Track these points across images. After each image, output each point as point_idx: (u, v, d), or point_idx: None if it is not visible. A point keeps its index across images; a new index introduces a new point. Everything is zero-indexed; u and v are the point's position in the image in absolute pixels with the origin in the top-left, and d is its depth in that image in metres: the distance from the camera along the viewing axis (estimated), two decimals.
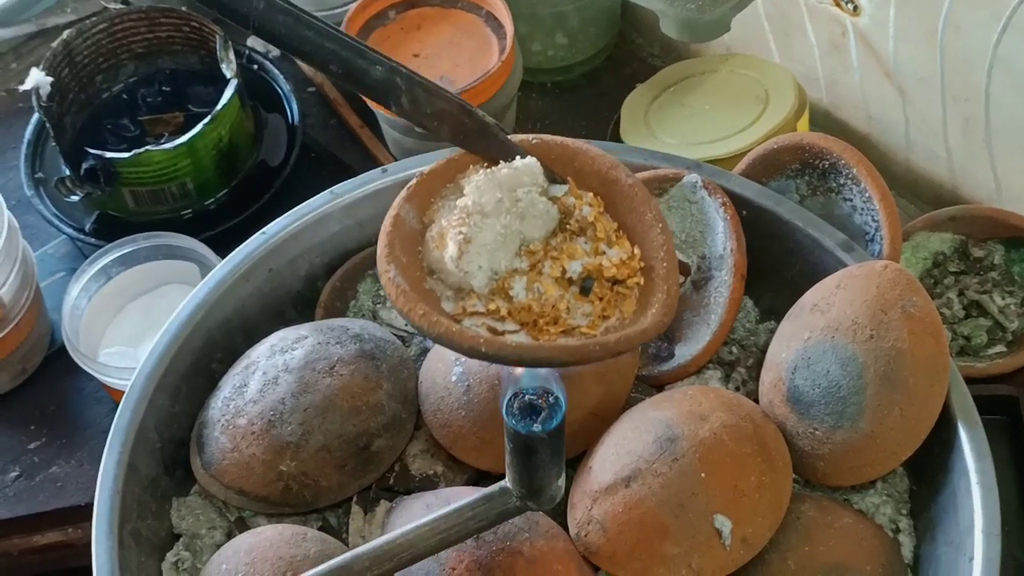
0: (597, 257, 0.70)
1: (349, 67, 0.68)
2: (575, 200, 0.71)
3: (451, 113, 0.70)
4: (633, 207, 0.72)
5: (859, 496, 0.85)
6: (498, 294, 0.68)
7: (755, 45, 1.22)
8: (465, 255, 0.67)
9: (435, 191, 0.72)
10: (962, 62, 1.05)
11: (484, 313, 0.68)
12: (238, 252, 0.94)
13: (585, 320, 0.69)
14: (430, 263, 0.70)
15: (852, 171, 0.92)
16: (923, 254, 1.08)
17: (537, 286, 0.68)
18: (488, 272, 0.68)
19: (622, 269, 0.70)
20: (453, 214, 0.69)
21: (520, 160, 0.71)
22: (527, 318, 0.68)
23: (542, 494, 0.74)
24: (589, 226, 0.71)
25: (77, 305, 1.10)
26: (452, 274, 0.68)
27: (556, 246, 0.70)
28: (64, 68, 1.19)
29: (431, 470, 0.88)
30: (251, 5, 0.65)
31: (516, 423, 0.69)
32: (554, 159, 0.72)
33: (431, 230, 0.70)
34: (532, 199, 0.69)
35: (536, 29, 1.27)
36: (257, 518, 0.87)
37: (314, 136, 1.28)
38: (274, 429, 0.85)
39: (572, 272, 0.69)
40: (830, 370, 0.81)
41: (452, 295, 0.69)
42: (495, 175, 0.69)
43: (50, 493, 1.08)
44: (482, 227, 0.68)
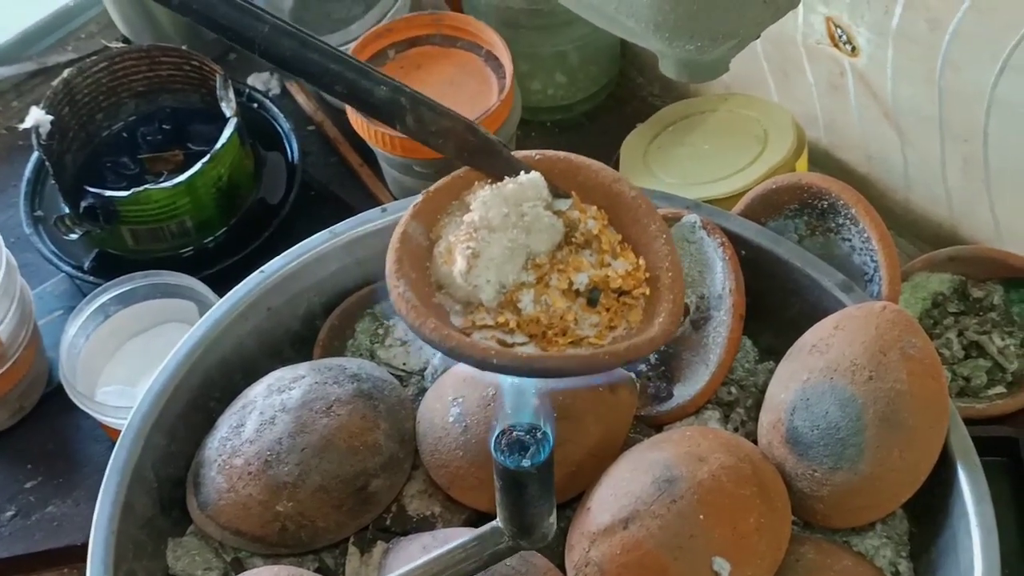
0: (603, 269, 0.70)
1: (354, 88, 0.69)
2: (579, 214, 0.72)
3: (455, 131, 0.71)
4: (637, 219, 0.73)
5: (859, 538, 0.84)
6: (507, 307, 0.69)
7: (754, 85, 1.23)
8: (474, 269, 0.68)
9: (441, 208, 0.73)
10: (961, 102, 1.05)
11: (493, 326, 0.69)
12: (236, 291, 0.94)
13: (593, 331, 0.69)
14: (438, 278, 0.71)
15: (851, 211, 0.92)
16: (922, 294, 1.07)
17: (545, 298, 0.69)
18: (496, 285, 0.69)
19: (628, 280, 0.70)
20: (460, 229, 0.70)
21: (525, 175, 0.71)
22: (536, 330, 0.69)
23: (534, 532, 0.74)
24: (594, 239, 0.72)
25: (75, 343, 1.10)
26: (461, 288, 0.69)
27: (562, 259, 0.71)
28: (64, 106, 1.20)
29: (428, 511, 0.88)
30: (256, 29, 0.66)
31: (505, 459, 0.69)
32: (557, 174, 0.73)
33: (439, 246, 0.71)
34: (538, 213, 0.70)
35: (536, 68, 1.27)
36: (253, 559, 0.87)
37: (314, 174, 1.28)
38: (271, 469, 0.84)
39: (579, 284, 0.70)
40: (829, 411, 0.81)
41: (461, 309, 0.70)
42: (501, 190, 0.70)
43: (46, 532, 1.07)
44: (490, 241, 0.69)
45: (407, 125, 0.70)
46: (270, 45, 0.67)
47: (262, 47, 0.67)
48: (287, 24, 0.67)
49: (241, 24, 0.66)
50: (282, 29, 0.67)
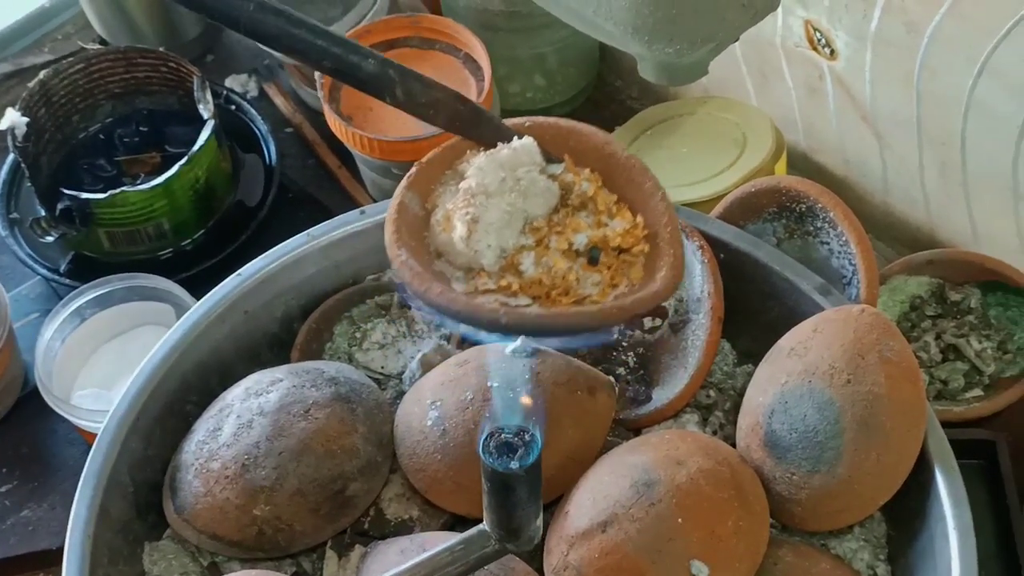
0: (601, 229, 0.71)
1: (342, 62, 0.69)
2: (573, 176, 0.72)
3: (445, 101, 0.72)
4: (631, 178, 0.73)
5: (837, 541, 0.85)
6: (508, 270, 0.69)
7: (733, 88, 1.23)
8: (474, 234, 0.69)
9: (435, 178, 0.73)
10: (938, 106, 1.05)
11: (496, 290, 0.69)
12: (213, 294, 0.93)
13: (595, 289, 0.70)
14: (437, 246, 0.71)
15: (829, 214, 0.92)
16: (900, 297, 1.08)
17: (546, 260, 0.69)
18: (497, 250, 0.69)
19: (627, 238, 0.71)
20: (458, 196, 0.70)
21: (518, 140, 0.72)
22: (539, 291, 0.69)
23: (521, 534, 0.74)
24: (589, 200, 0.72)
25: (51, 347, 1.09)
26: (462, 254, 0.69)
27: (559, 221, 0.71)
28: (40, 108, 1.19)
29: (406, 514, 0.88)
30: (241, 8, 0.66)
31: (493, 461, 0.69)
32: (548, 140, 0.73)
33: (435, 215, 0.72)
34: (533, 177, 0.71)
35: (515, 70, 1.27)
36: (231, 563, 0.87)
37: (291, 177, 1.28)
38: (248, 473, 0.84)
39: (578, 244, 0.70)
40: (807, 415, 0.81)
41: (462, 276, 0.70)
42: (496, 156, 0.71)
43: (21, 537, 1.06)
44: (488, 207, 0.69)
45: (397, 97, 0.70)
46: (256, 23, 0.67)
47: (248, 26, 0.67)
48: (271, 3, 0.67)
49: (226, 3, 0.66)
50: (267, 7, 0.67)
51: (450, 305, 0.67)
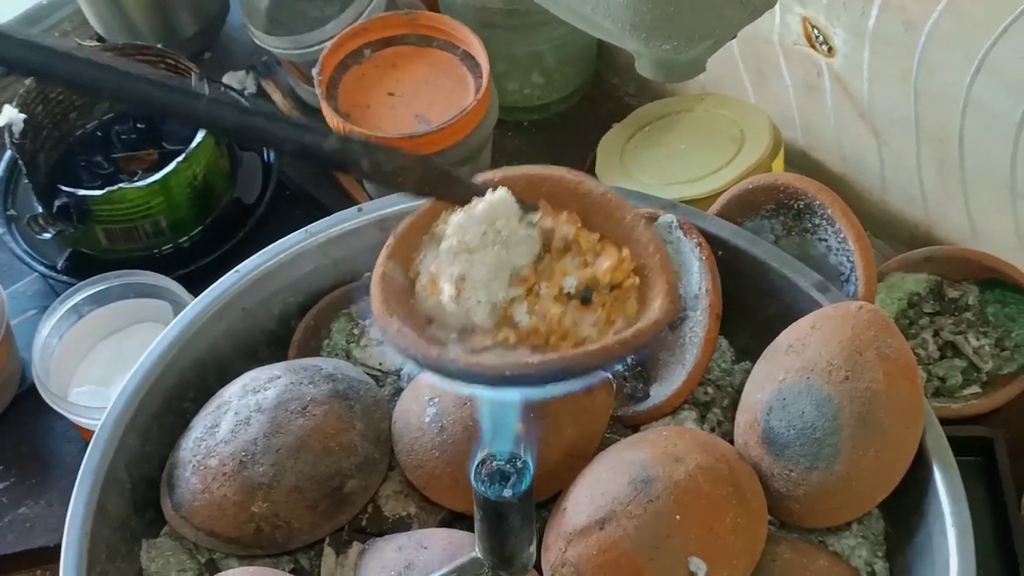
0: (588, 269, 0.70)
1: (303, 144, 0.68)
2: (552, 221, 0.72)
3: (412, 167, 0.71)
4: (610, 214, 0.72)
5: (835, 538, 0.85)
6: (503, 324, 0.69)
7: (730, 85, 1.23)
8: (463, 293, 0.68)
9: (414, 244, 0.72)
10: (936, 103, 1.05)
11: (493, 346, 0.69)
12: (211, 291, 0.93)
13: (593, 329, 0.69)
14: (427, 312, 0.70)
15: (827, 212, 0.92)
16: (898, 295, 1.08)
17: (539, 308, 0.69)
18: (488, 305, 0.69)
19: (616, 273, 0.70)
20: (441, 258, 0.70)
21: (491, 194, 0.71)
22: (537, 340, 0.68)
23: (514, 562, 0.74)
24: (572, 242, 0.72)
25: (48, 344, 1.09)
26: (454, 315, 0.69)
27: (546, 267, 0.71)
28: (38, 105, 1.19)
29: (404, 511, 0.88)
30: (195, 105, 0.66)
31: (486, 489, 0.69)
32: (521, 189, 0.72)
33: (420, 280, 0.71)
34: (513, 228, 0.70)
35: (512, 68, 1.27)
36: (228, 560, 0.87)
37: (289, 174, 1.28)
38: (246, 470, 0.84)
39: (569, 287, 0.70)
40: (805, 411, 0.81)
41: (457, 337, 0.69)
42: (473, 212, 0.70)
43: (18, 534, 1.06)
44: (473, 263, 0.69)
45: (363, 169, 0.69)
46: (212, 117, 0.66)
47: (205, 119, 0.66)
48: (222, 96, 0.67)
49: (179, 104, 0.66)
50: (221, 101, 0.67)
51: (451, 367, 0.66)
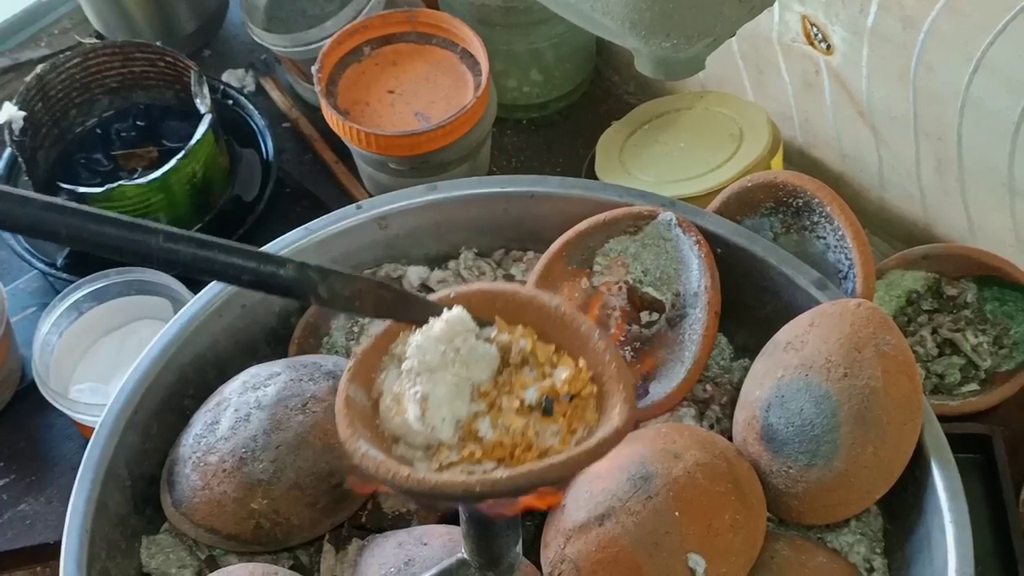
0: (547, 380, 0.71)
1: (259, 274, 0.68)
2: (508, 336, 0.73)
3: (368, 291, 0.71)
4: (564, 325, 0.74)
5: (833, 535, 0.85)
6: (468, 439, 0.70)
7: (729, 83, 1.23)
8: (427, 412, 0.69)
9: (374, 366, 0.73)
10: (935, 101, 1.06)
11: (459, 461, 0.70)
12: (211, 288, 0.94)
13: (556, 439, 0.70)
14: (392, 431, 0.71)
15: (826, 209, 0.92)
16: (896, 292, 1.08)
17: (502, 421, 0.70)
18: (452, 422, 0.70)
19: (574, 383, 0.72)
20: (403, 379, 0.71)
21: (448, 312, 0.72)
22: (502, 453, 0.70)
23: (501, 563, 0.74)
24: (529, 355, 0.73)
25: (48, 341, 1.09)
26: (419, 433, 0.70)
27: (506, 381, 0.72)
28: (37, 102, 1.19)
29: (403, 508, 0.88)
30: (150, 243, 0.65)
31: None
32: (475, 306, 0.74)
33: (383, 401, 0.72)
34: (472, 344, 0.71)
35: (512, 65, 1.27)
36: (228, 556, 0.87)
37: (288, 171, 1.28)
38: (246, 467, 0.84)
39: (529, 399, 0.71)
40: (804, 408, 0.81)
41: (423, 455, 0.70)
42: (431, 332, 0.71)
43: (18, 531, 1.06)
44: (435, 382, 0.70)
45: (320, 296, 0.69)
46: (167, 254, 0.65)
47: (160, 257, 0.65)
48: (178, 232, 0.66)
49: (134, 242, 0.65)
50: (176, 236, 0.65)
51: (421, 486, 0.67)
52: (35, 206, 0.62)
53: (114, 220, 0.64)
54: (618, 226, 0.94)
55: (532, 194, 0.98)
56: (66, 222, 0.63)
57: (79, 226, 0.63)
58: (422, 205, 0.98)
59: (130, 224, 0.65)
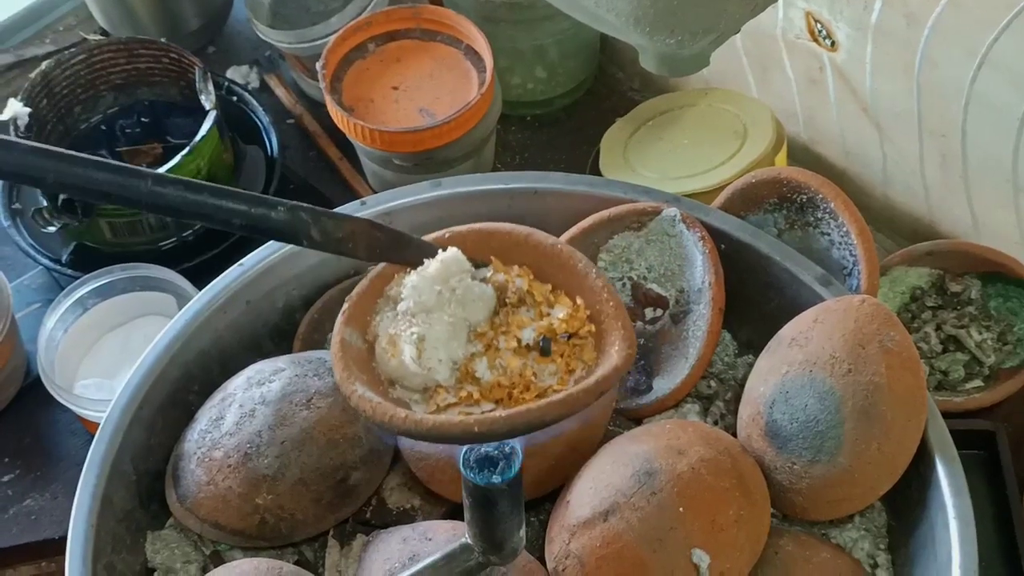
0: (544, 320, 0.71)
1: (251, 217, 0.67)
2: (504, 276, 0.72)
3: (361, 231, 0.70)
4: (561, 264, 0.73)
5: (837, 531, 0.85)
6: (465, 380, 0.70)
7: (734, 80, 1.23)
8: (423, 353, 0.69)
9: (369, 308, 0.73)
10: (939, 98, 1.06)
11: (457, 403, 0.69)
12: (215, 284, 0.94)
13: (554, 379, 0.70)
14: (388, 374, 0.71)
15: (830, 205, 0.92)
16: (900, 288, 1.08)
17: (499, 361, 0.70)
18: (449, 363, 0.69)
19: (572, 322, 0.71)
20: (399, 320, 0.70)
21: (443, 253, 0.71)
22: (500, 394, 0.69)
23: (504, 547, 0.74)
24: (526, 295, 0.72)
25: (53, 336, 1.09)
26: (415, 375, 0.69)
27: (502, 322, 0.71)
28: (42, 99, 1.19)
29: (408, 503, 0.88)
30: (138, 186, 0.64)
31: (474, 476, 0.69)
32: (470, 246, 0.73)
33: (379, 343, 0.71)
34: (467, 285, 0.71)
35: (516, 62, 1.27)
36: (233, 551, 0.87)
37: (293, 168, 1.28)
38: (250, 462, 0.84)
39: (527, 339, 0.70)
40: (808, 404, 0.81)
41: (420, 397, 0.70)
42: (426, 273, 0.71)
43: (24, 526, 1.07)
44: (431, 323, 0.69)
45: (313, 238, 0.68)
46: (156, 197, 0.65)
47: (148, 201, 0.65)
48: (166, 175, 0.66)
49: (122, 185, 0.64)
50: (164, 179, 0.65)
51: (418, 427, 0.66)
52: (19, 150, 0.61)
53: (102, 164, 0.63)
54: (622, 222, 0.94)
55: (536, 190, 0.98)
56: (53, 167, 0.62)
57: (65, 170, 0.62)
58: (426, 201, 0.98)
59: (118, 168, 0.64)
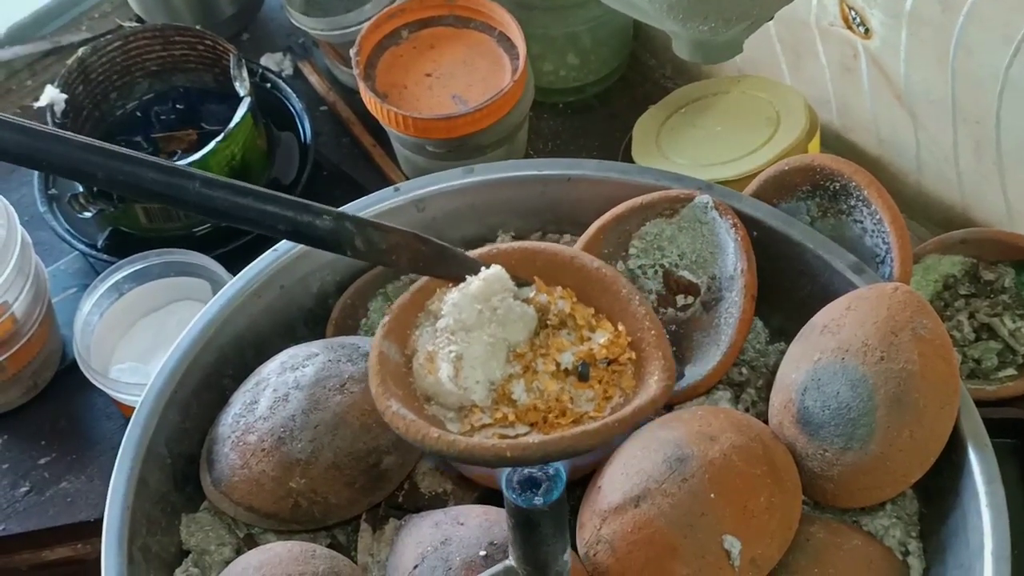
0: (584, 344, 0.70)
1: (296, 224, 0.67)
2: (547, 297, 0.72)
3: (406, 244, 0.70)
4: (605, 288, 0.73)
5: (868, 518, 0.85)
6: (501, 401, 0.69)
7: (767, 67, 1.23)
8: (461, 372, 0.68)
9: (409, 322, 0.72)
10: (973, 85, 1.05)
11: (492, 424, 0.69)
12: (250, 269, 0.94)
13: (590, 405, 0.69)
14: (424, 390, 0.70)
15: (863, 193, 0.92)
16: (933, 276, 1.08)
17: (536, 384, 0.69)
18: (486, 384, 0.69)
19: (612, 348, 0.70)
20: (438, 337, 0.70)
21: (486, 271, 0.71)
22: (535, 417, 0.69)
23: (548, 570, 0.73)
24: (568, 317, 0.72)
25: (89, 321, 1.10)
26: (451, 394, 0.69)
27: (542, 343, 0.71)
28: (79, 85, 1.20)
29: (440, 488, 0.88)
30: (187, 188, 0.64)
31: (516, 497, 0.68)
32: (515, 264, 0.72)
33: (417, 359, 0.71)
34: (509, 304, 0.70)
35: (548, 49, 1.27)
36: (266, 535, 0.88)
37: (326, 154, 1.29)
38: (284, 446, 0.85)
39: (565, 363, 0.70)
40: (840, 392, 0.81)
41: (455, 415, 0.70)
42: (468, 290, 0.70)
43: (60, 508, 1.08)
44: (470, 342, 0.69)
45: (357, 248, 0.68)
46: (204, 200, 0.64)
47: (196, 203, 0.65)
48: (215, 177, 0.65)
49: (171, 186, 0.64)
50: (213, 182, 0.65)
51: (450, 449, 0.66)
52: (72, 146, 0.61)
53: (152, 163, 0.63)
54: (654, 209, 0.95)
55: (569, 177, 0.98)
56: (103, 163, 0.62)
57: (116, 168, 0.62)
58: (459, 188, 0.98)
59: (168, 168, 0.64)
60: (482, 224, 1.00)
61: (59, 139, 0.61)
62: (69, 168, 0.62)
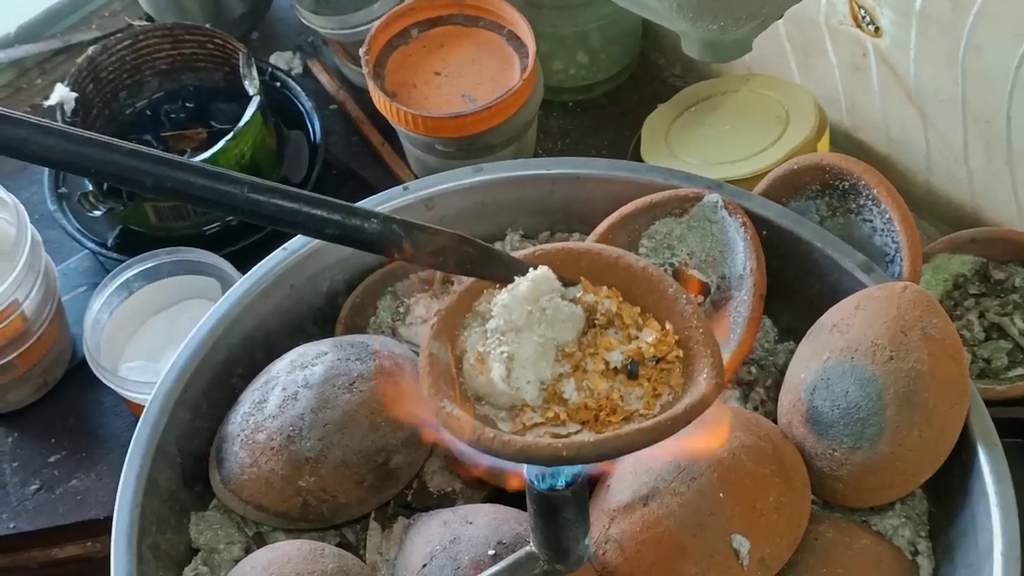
0: (633, 342, 0.70)
1: (344, 227, 0.67)
2: (594, 296, 0.72)
3: (453, 246, 0.70)
4: (651, 287, 0.73)
5: (878, 518, 0.85)
6: (552, 401, 0.69)
7: (776, 66, 1.23)
8: (512, 372, 0.69)
9: (457, 324, 0.72)
10: (984, 84, 1.05)
11: (543, 423, 0.69)
12: (259, 268, 0.94)
13: (640, 403, 0.70)
14: (475, 390, 0.70)
15: (872, 192, 0.92)
16: (943, 276, 1.07)
17: (586, 383, 0.69)
18: (537, 383, 0.69)
19: (660, 347, 0.71)
20: (488, 338, 0.70)
21: (534, 271, 0.71)
22: (586, 416, 0.69)
23: (570, 555, 0.73)
24: (615, 317, 0.72)
25: (99, 319, 1.10)
26: (503, 394, 0.69)
27: (590, 343, 0.71)
28: (88, 84, 1.20)
29: (449, 487, 0.88)
30: (235, 195, 0.64)
31: (538, 482, 0.68)
32: (560, 265, 0.73)
33: (466, 360, 0.71)
34: (557, 305, 0.70)
35: (558, 48, 1.27)
36: (275, 533, 0.88)
37: (336, 153, 1.29)
38: (293, 445, 0.85)
39: (614, 362, 0.70)
40: (849, 391, 0.81)
41: (506, 415, 0.70)
42: (517, 291, 0.70)
43: (70, 506, 1.08)
44: (520, 342, 0.69)
45: (404, 251, 0.68)
46: (252, 205, 0.64)
47: (244, 209, 0.65)
48: (263, 182, 0.65)
49: (220, 193, 0.64)
50: (260, 187, 0.65)
51: (506, 448, 0.66)
52: (121, 153, 0.61)
53: (200, 169, 0.64)
54: (664, 208, 0.95)
55: (578, 176, 0.98)
56: (152, 170, 0.62)
57: (164, 174, 0.62)
58: (468, 187, 0.98)
59: (216, 174, 0.64)
60: (491, 223, 1.00)
61: (107, 146, 0.61)
62: (118, 175, 0.62)
